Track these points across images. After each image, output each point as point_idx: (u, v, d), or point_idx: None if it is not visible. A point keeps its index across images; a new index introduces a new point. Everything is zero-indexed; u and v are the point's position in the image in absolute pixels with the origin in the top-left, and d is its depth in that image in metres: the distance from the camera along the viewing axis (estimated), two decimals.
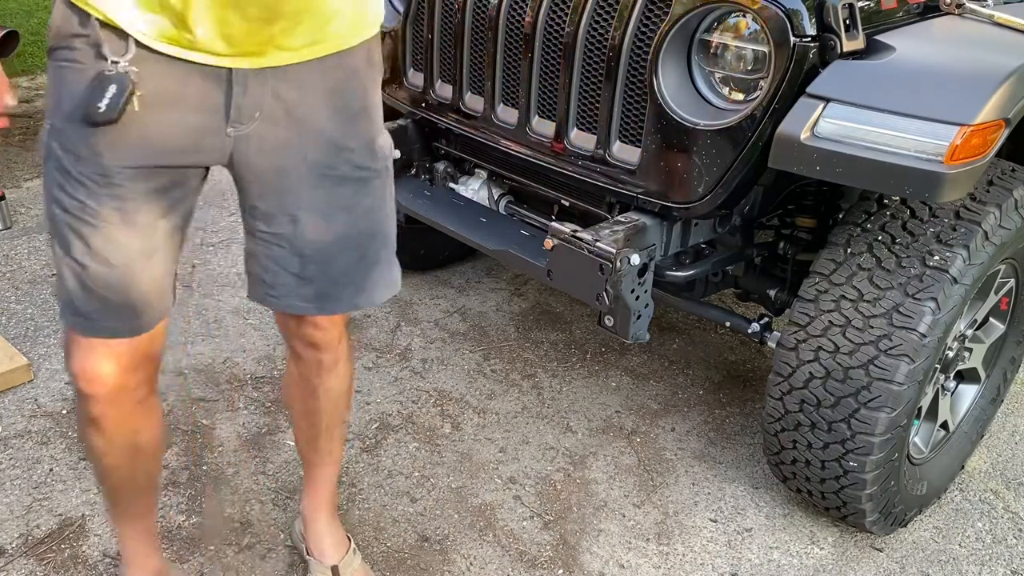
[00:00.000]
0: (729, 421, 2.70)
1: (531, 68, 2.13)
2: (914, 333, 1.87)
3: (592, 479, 2.41)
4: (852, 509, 2.12)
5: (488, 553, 2.13)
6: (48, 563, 1.99)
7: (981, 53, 1.87)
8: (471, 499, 2.29)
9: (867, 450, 1.96)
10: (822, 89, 1.75)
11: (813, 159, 1.74)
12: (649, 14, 1.91)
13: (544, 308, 3.21)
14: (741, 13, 1.82)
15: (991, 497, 2.47)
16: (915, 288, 1.88)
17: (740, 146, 1.85)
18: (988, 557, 2.26)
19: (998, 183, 2.02)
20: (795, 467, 2.15)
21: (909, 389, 1.90)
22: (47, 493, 2.18)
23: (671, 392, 2.81)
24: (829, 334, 1.95)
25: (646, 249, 1.97)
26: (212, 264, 3.30)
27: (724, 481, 2.44)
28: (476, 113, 2.31)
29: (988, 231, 1.94)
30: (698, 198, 1.95)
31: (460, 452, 2.46)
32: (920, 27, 1.98)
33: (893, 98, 1.71)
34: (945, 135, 1.65)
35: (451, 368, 2.83)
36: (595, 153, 2.08)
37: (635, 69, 1.96)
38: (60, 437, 2.36)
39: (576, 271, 1.92)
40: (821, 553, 2.23)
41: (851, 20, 1.78)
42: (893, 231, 1.97)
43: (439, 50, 2.37)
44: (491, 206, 2.48)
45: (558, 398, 2.73)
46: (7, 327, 2.83)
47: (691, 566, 2.16)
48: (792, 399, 2.04)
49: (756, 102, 1.82)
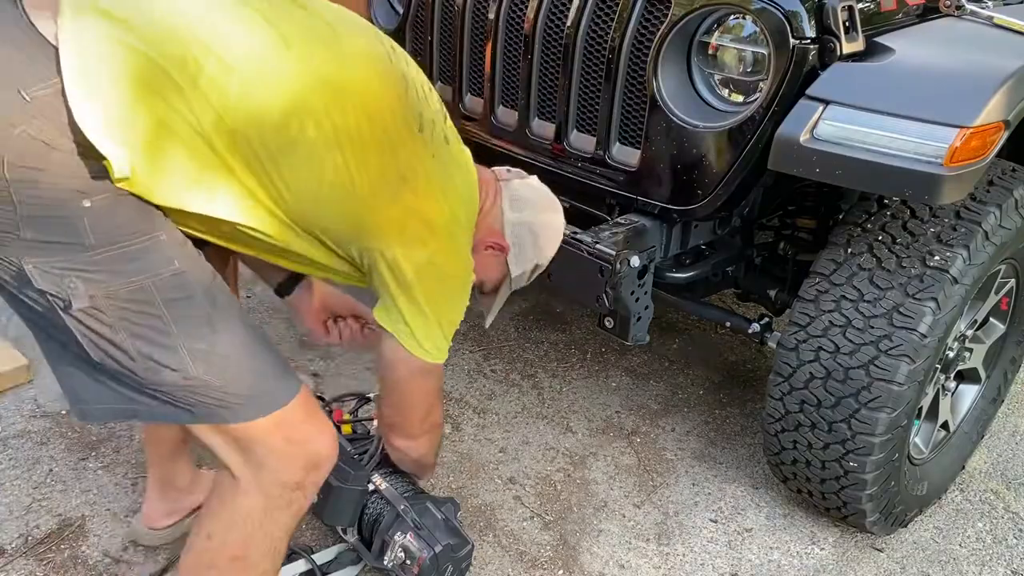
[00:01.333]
0: (729, 421, 2.70)
1: (531, 69, 2.13)
2: (914, 333, 1.87)
3: (592, 479, 2.41)
4: (852, 509, 2.12)
5: (488, 553, 2.13)
6: (48, 563, 1.99)
7: (980, 55, 1.87)
8: (471, 499, 2.29)
9: (867, 450, 1.96)
10: (822, 91, 1.75)
11: (812, 161, 1.74)
12: (648, 16, 1.91)
13: (544, 308, 3.21)
14: (740, 15, 1.82)
15: (991, 497, 2.47)
16: (915, 288, 1.88)
17: (740, 148, 1.85)
18: (988, 557, 2.27)
19: (998, 183, 2.02)
20: (795, 467, 2.15)
21: (909, 389, 1.90)
22: (47, 493, 2.18)
23: (671, 392, 2.82)
24: (829, 334, 1.96)
25: (646, 251, 1.97)
26: None
27: (724, 481, 2.44)
28: (476, 114, 2.31)
29: (988, 231, 1.94)
30: (698, 200, 1.95)
31: (460, 452, 2.47)
32: (919, 29, 1.98)
33: (893, 100, 1.71)
34: (944, 137, 1.65)
35: (451, 368, 2.83)
36: (595, 155, 2.08)
37: (634, 71, 1.96)
38: (60, 437, 2.36)
39: (576, 273, 1.92)
40: (821, 553, 2.23)
41: (850, 22, 1.78)
42: (893, 231, 1.97)
43: (438, 51, 2.37)
44: None
45: (558, 398, 2.73)
46: (7, 327, 2.83)
47: (691, 566, 2.16)
48: (792, 399, 2.04)
49: (756, 104, 1.82)
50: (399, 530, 1.86)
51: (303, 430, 1.43)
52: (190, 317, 1.30)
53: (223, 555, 1.45)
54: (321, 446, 1.46)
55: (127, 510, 2.14)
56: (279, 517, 1.45)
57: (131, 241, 1.24)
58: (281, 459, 1.41)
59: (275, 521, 1.45)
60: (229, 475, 1.43)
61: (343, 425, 2.07)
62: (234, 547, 1.44)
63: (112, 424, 2.42)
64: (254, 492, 1.42)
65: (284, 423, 1.40)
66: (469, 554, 1.91)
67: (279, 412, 1.39)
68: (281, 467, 1.41)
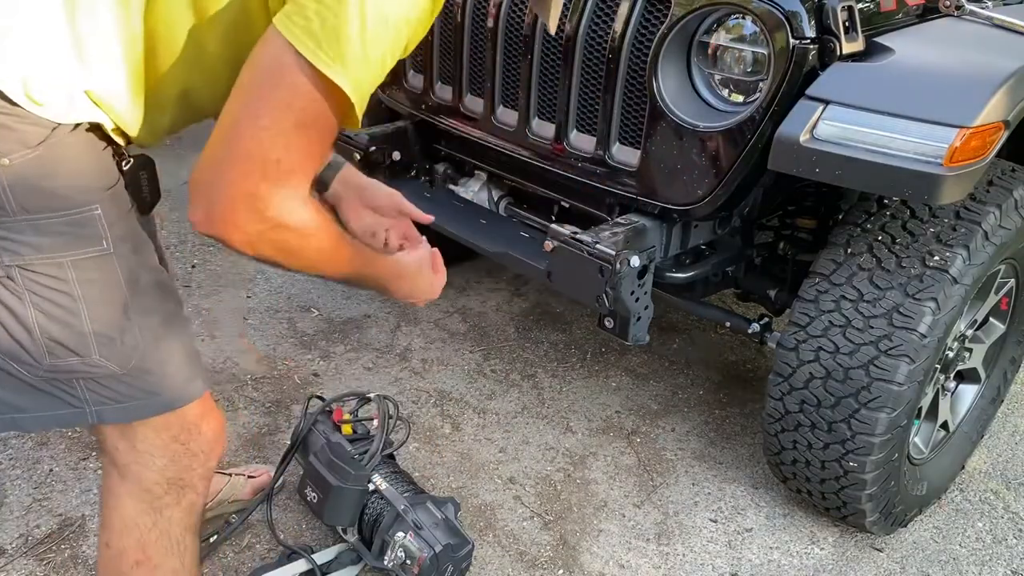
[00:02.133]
0: (729, 421, 2.70)
1: (531, 69, 2.13)
2: (914, 333, 1.87)
3: (592, 479, 2.41)
4: (852, 509, 2.12)
5: (488, 553, 2.13)
6: (48, 563, 1.99)
7: (980, 55, 1.87)
8: (471, 499, 2.29)
9: (867, 450, 1.96)
10: (821, 91, 1.75)
11: (812, 161, 1.74)
12: (648, 16, 1.91)
13: (544, 308, 3.21)
14: (740, 15, 1.82)
15: (991, 497, 2.47)
16: (915, 288, 1.88)
17: (740, 148, 1.85)
18: (988, 557, 2.27)
19: (998, 183, 2.02)
20: (795, 467, 2.15)
21: (909, 389, 1.90)
22: (47, 493, 2.18)
23: (671, 392, 2.82)
24: (829, 334, 1.96)
25: (646, 251, 1.97)
26: (212, 264, 3.30)
27: (724, 481, 2.44)
28: (476, 115, 2.31)
29: (988, 231, 1.94)
30: (698, 200, 1.95)
31: (460, 452, 2.47)
32: (919, 29, 1.99)
33: (892, 100, 1.71)
34: (944, 137, 1.65)
35: (451, 368, 2.83)
36: (595, 155, 2.08)
37: (635, 71, 1.96)
38: (60, 437, 2.36)
39: (576, 273, 1.92)
40: (821, 553, 2.23)
41: (850, 22, 1.78)
42: (893, 231, 1.97)
43: (439, 52, 2.37)
44: (491, 208, 2.48)
45: (558, 398, 2.73)
46: None
47: (691, 566, 2.16)
48: (792, 399, 2.04)
49: (755, 104, 1.82)
50: (399, 530, 1.86)
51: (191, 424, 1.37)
52: (105, 302, 1.21)
53: (125, 562, 1.41)
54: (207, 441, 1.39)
55: None
56: (171, 515, 1.40)
57: (54, 213, 1.14)
58: (166, 455, 1.35)
59: (168, 519, 1.40)
60: (114, 474, 1.37)
61: (343, 425, 2.07)
62: (133, 552, 1.40)
63: None
64: (138, 493, 1.37)
65: (176, 423, 1.34)
66: (469, 554, 1.91)
67: (174, 413, 1.33)
68: (166, 464, 1.36)
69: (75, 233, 1.16)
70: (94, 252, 1.18)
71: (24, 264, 1.15)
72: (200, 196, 1.10)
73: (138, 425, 1.32)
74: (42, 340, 1.19)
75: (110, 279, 1.21)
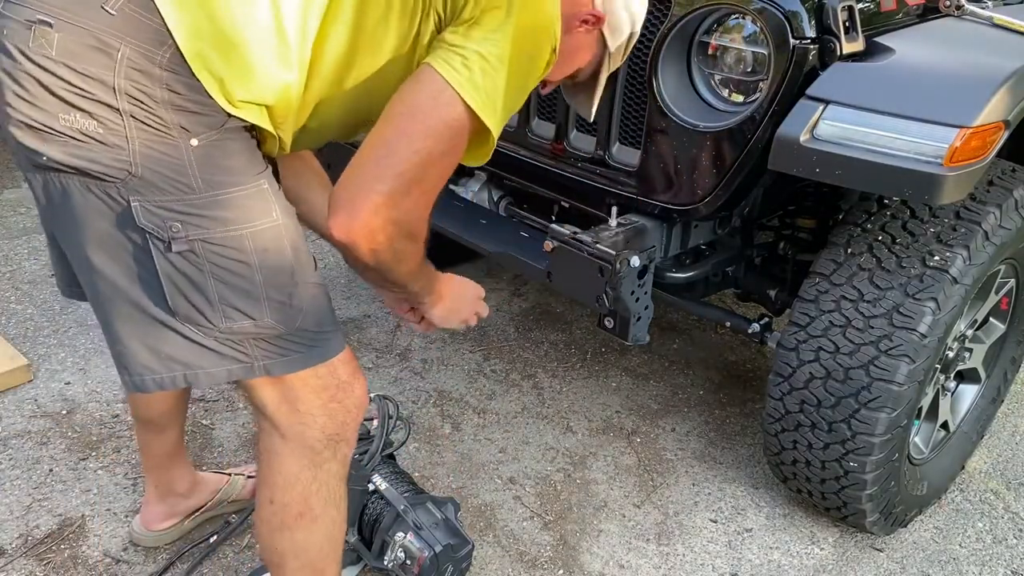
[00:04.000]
0: (729, 421, 2.70)
1: None
2: (914, 333, 1.87)
3: (592, 479, 2.41)
4: (852, 509, 2.12)
5: (488, 553, 2.13)
6: (48, 563, 1.99)
7: (980, 55, 1.87)
8: (471, 499, 2.29)
9: (867, 450, 1.96)
10: (821, 91, 1.75)
11: (812, 161, 1.74)
12: (648, 16, 1.91)
13: (544, 308, 3.21)
14: (740, 15, 1.82)
15: (991, 497, 2.47)
16: (915, 288, 1.88)
17: (740, 148, 1.85)
18: (988, 557, 2.27)
19: (998, 183, 2.02)
20: (795, 467, 2.15)
21: (909, 389, 1.90)
22: (47, 493, 2.18)
23: (671, 392, 2.82)
24: (829, 334, 1.96)
25: (646, 251, 1.97)
26: None
27: (724, 481, 2.44)
28: None
29: (988, 231, 1.94)
30: (698, 200, 1.95)
31: (460, 452, 2.47)
32: (919, 29, 1.99)
33: (892, 100, 1.71)
34: (944, 137, 1.65)
35: (451, 368, 2.83)
36: (595, 155, 2.08)
37: (635, 71, 1.96)
38: (60, 437, 2.36)
39: (576, 273, 1.92)
40: (821, 553, 2.23)
41: (850, 22, 1.78)
42: (893, 231, 1.97)
43: None
44: (491, 208, 2.47)
45: (558, 398, 2.73)
46: (7, 327, 2.83)
47: (691, 566, 2.16)
48: (792, 399, 2.04)
49: (756, 104, 1.82)
50: (399, 530, 1.86)
51: (345, 383, 1.47)
52: (277, 269, 1.31)
53: (289, 514, 1.50)
54: (358, 397, 1.50)
55: (127, 510, 2.14)
56: (330, 467, 1.50)
57: (234, 188, 1.25)
58: (325, 413, 1.45)
59: (328, 471, 1.50)
60: (276, 436, 1.45)
61: None
62: (297, 504, 1.49)
63: (112, 424, 2.42)
64: (300, 451, 1.46)
65: (333, 383, 1.44)
66: (469, 554, 1.91)
67: (326, 365, 1.42)
68: (326, 421, 1.45)
69: (252, 206, 1.28)
70: (268, 223, 1.29)
71: (206, 238, 1.25)
72: (343, 206, 1.29)
73: (299, 389, 1.42)
74: (220, 306, 1.29)
75: (280, 247, 1.31)
